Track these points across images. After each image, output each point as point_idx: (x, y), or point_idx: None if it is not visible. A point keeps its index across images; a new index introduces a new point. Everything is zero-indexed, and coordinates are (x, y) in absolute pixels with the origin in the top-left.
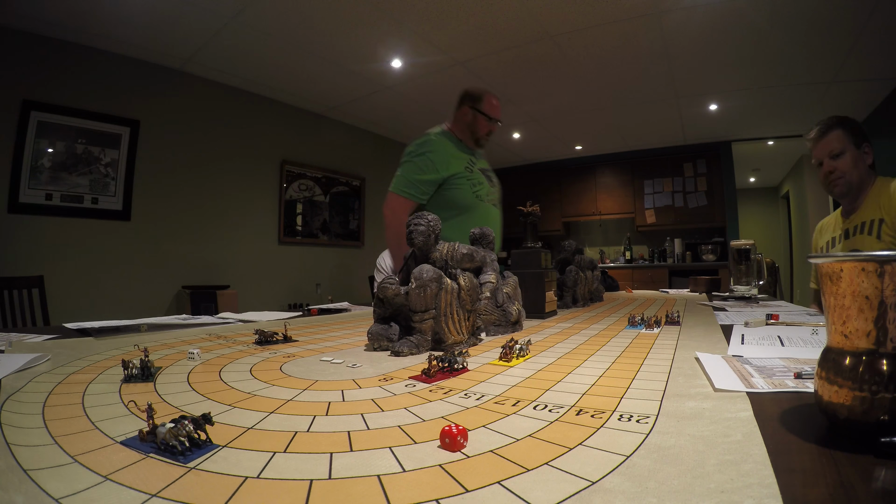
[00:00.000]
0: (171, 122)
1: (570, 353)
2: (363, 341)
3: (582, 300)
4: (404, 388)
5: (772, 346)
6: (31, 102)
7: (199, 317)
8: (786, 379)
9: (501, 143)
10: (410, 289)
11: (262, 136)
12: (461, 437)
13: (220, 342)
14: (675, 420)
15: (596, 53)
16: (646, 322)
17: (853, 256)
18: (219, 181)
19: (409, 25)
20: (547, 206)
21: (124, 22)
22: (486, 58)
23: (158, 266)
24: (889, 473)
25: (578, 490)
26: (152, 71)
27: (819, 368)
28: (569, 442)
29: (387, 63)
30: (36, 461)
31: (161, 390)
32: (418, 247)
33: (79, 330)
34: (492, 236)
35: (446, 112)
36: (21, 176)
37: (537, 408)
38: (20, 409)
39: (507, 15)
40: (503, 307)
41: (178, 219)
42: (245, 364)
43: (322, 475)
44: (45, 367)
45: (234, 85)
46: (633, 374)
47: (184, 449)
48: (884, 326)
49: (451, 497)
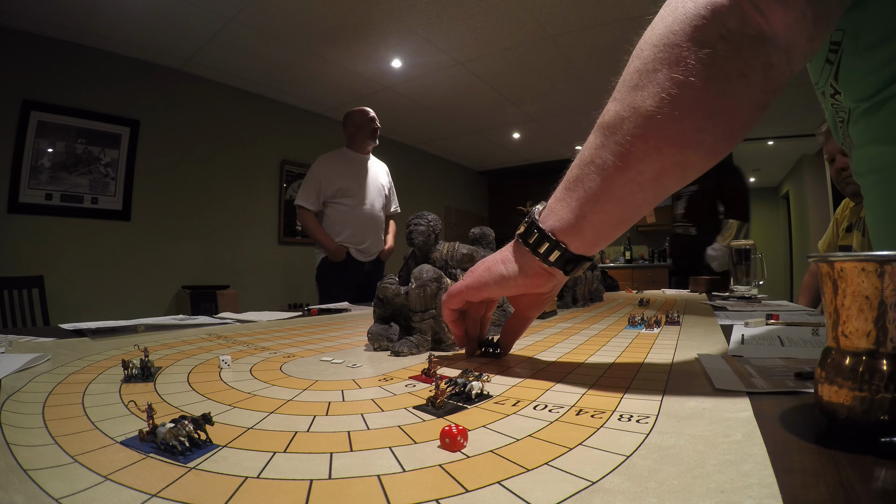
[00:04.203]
0: (171, 122)
1: (571, 352)
2: (363, 341)
3: (582, 300)
4: (404, 388)
5: (772, 346)
6: (31, 102)
7: (196, 317)
8: (786, 379)
9: (501, 143)
10: (410, 289)
11: (262, 136)
12: (461, 437)
13: (220, 342)
14: (675, 420)
15: (596, 53)
16: (646, 322)
17: (853, 256)
18: (219, 181)
19: (409, 25)
20: None
21: (124, 22)
22: (486, 58)
23: (158, 266)
24: (889, 473)
25: (578, 490)
26: (152, 71)
27: (819, 368)
28: (569, 442)
29: (387, 63)
30: (36, 461)
31: (161, 390)
32: (418, 247)
33: (75, 331)
34: (492, 236)
35: (446, 112)
36: (21, 176)
37: (537, 408)
38: (20, 409)
39: (507, 15)
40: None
41: (178, 219)
42: (245, 364)
43: (322, 475)
44: (45, 367)
45: (234, 85)
46: (633, 373)
47: (184, 449)
48: (884, 326)
49: (451, 497)
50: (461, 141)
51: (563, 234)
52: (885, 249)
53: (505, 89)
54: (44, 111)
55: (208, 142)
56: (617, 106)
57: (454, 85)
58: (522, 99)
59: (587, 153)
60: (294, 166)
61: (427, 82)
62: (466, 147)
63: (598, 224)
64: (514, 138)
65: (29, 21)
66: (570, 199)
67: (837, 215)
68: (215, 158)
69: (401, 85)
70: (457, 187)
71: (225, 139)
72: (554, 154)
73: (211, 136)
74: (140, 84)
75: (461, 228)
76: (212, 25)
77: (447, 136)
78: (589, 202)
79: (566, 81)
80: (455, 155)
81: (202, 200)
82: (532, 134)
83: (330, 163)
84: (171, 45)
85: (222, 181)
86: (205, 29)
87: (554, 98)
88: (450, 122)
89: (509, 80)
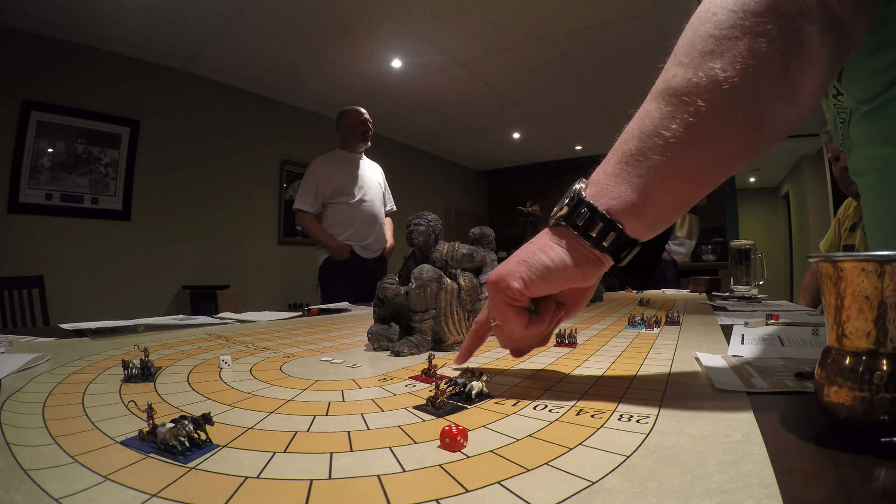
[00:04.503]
0: (171, 122)
1: (571, 353)
2: (363, 341)
3: None
4: (404, 388)
5: (772, 346)
6: (31, 102)
7: (196, 317)
8: (786, 379)
9: (501, 143)
10: (410, 289)
11: (262, 136)
12: (461, 437)
13: (220, 342)
14: (675, 420)
15: (596, 53)
16: (646, 322)
17: (853, 256)
18: (219, 181)
19: (409, 25)
20: (547, 206)
21: (124, 22)
22: (486, 58)
23: (158, 266)
24: (889, 473)
25: (578, 490)
26: (152, 71)
27: (819, 368)
28: (569, 442)
29: (387, 63)
30: (36, 461)
31: (161, 390)
32: (418, 247)
33: (75, 331)
34: (492, 236)
35: (446, 112)
36: (21, 176)
37: (537, 408)
38: (20, 409)
39: (507, 15)
40: None
41: (178, 219)
42: (245, 364)
43: (322, 475)
44: (45, 367)
45: (234, 85)
46: (633, 373)
47: (184, 449)
48: (884, 326)
49: (451, 497)
50: (461, 141)
51: (621, 215)
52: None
53: (505, 89)
54: (44, 111)
55: (208, 142)
56: (688, 72)
57: (454, 85)
58: (522, 99)
59: (650, 124)
60: (294, 166)
61: (427, 82)
62: (466, 147)
63: (664, 205)
64: (514, 138)
65: (29, 21)
66: (629, 175)
67: (840, 215)
68: (215, 158)
69: (401, 85)
70: (457, 187)
71: (225, 139)
72: (554, 154)
73: (211, 136)
74: (140, 84)
75: (461, 228)
76: (212, 25)
77: (447, 136)
78: (656, 179)
79: (566, 81)
80: (455, 155)
81: (202, 200)
82: (532, 134)
83: (326, 164)
84: (171, 45)
85: (222, 181)
86: (205, 29)
87: (554, 98)
88: (450, 122)
89: (509, 80)
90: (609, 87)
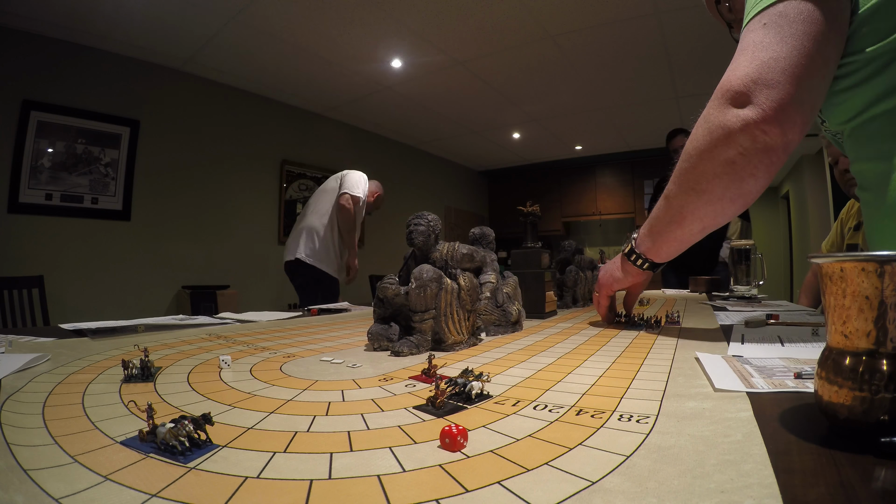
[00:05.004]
0: (171, 122)
1: (570, 353)
2: (363, 341)
3: (582, 300)
4: (404, 388)
5: (772, 346)
6: (31, 102)
7: (196, 317)
8: (786, 379)
9: (501, 143)
10: (410, 289)
11: (262, 136)
12: (461, 437)
13: (220, 342)
14: (675, 420)
15: (596, 53)
16: (646, 322)
17: (853, 256)
18: (219, 181)
19: (409, 25)
20: (547, 206)
21: (124, 22)
22: (486, 58)
23: (158, 266)
24: (889, 473)
25: (578, 490)
26: (152, 71)
27: (819, 368)
28: (569, 442)
29: (387, 63)
30: (36, 461)
31: (161, 390)
32: (418, 247)
33: (75, 331)
34: (492, 236)
35: (446, 112)
36: (21, 176)
37: (537, 408)
38: (20, 409)
39: (507, 15)
40: (503, 307)
41: (178, 219)
42: (245, 364)
43: (322, 475)
44: (45, 367)
45: (234, 85)
46: (633, 373)
47: (184, 449)
48: (884, 326)
49: (451, 497)
50: (461, 141)
51: (649, 253)
52: None
53: (505, 89)
54: (44, 111)
55: (208, 142)
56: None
57: (454, 85)
58: (522, 99)
59: (657, 212)
60: (294, 166)
61: (427, 82)
62: (466, 147)
63: (666, 249)
64: (514, 138)
65: (29, 21)
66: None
67: (843, 215)
68: (215, 158)
69: (400, 85)
70: (457, 187)
71: (225, 139)
72: (554, 154)
73: (211, 136)
74: (140, 84)
75: (461, 228)
76: (212, 26)
77: (447, 136)
78: (659, 240)
79: (566, 81)
80: (455, 155)
81: (202, 200)
82: (532, 134)
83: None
84: (171, 45)
85: (222, 181)
86: (205, 29)
87: (554, 98)
88: (450, 122)
89: (509, 80)
90: (609, 87)
